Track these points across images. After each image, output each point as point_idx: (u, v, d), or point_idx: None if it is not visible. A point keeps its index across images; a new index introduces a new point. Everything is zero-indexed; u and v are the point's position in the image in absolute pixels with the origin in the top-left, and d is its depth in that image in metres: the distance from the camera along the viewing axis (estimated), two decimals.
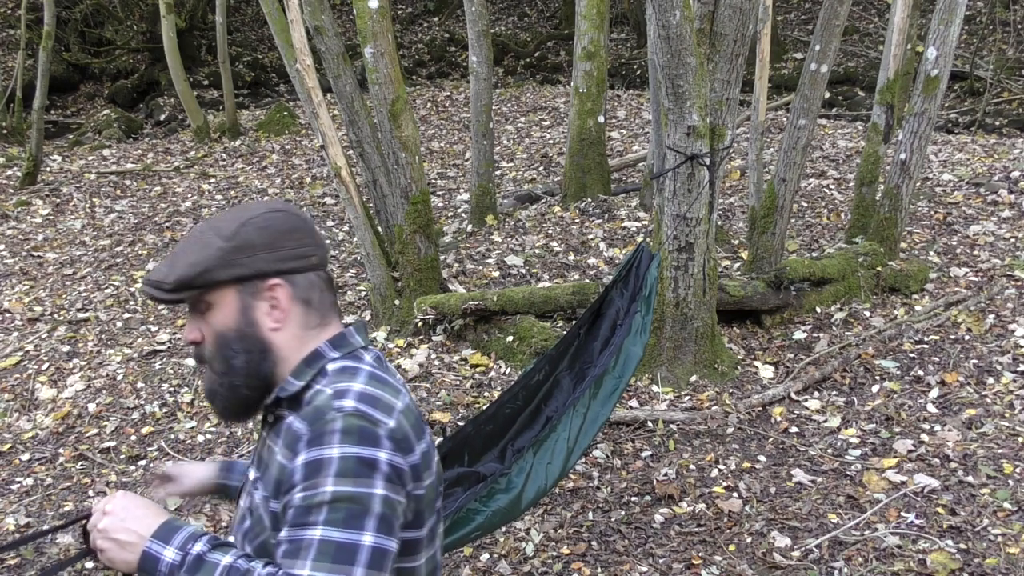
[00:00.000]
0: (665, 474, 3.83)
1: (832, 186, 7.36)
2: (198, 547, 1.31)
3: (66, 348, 5.65)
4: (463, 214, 7.35)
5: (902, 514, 3.45)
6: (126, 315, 6.07)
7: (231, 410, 1.46)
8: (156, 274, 1.42)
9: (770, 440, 4.05)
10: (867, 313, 5.13)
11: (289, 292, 1.42)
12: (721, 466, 3.87)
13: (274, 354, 1.42)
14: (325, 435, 1.30)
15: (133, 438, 4.61)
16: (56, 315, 6.19)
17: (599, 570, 3.31)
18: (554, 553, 3.41)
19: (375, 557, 1.27)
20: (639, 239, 6.21)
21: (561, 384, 3.11)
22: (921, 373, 4.47)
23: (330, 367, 1.43)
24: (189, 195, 8.73)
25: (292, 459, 1.32)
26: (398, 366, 4.90)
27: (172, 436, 4.57)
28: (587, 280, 5.61)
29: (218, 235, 1.40)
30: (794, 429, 4.13)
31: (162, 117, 12.67)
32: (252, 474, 1.49)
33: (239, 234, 1.40)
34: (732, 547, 3.36)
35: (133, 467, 4.35)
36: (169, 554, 1.31)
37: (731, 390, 4.47)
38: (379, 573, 1.27)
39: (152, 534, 1.33)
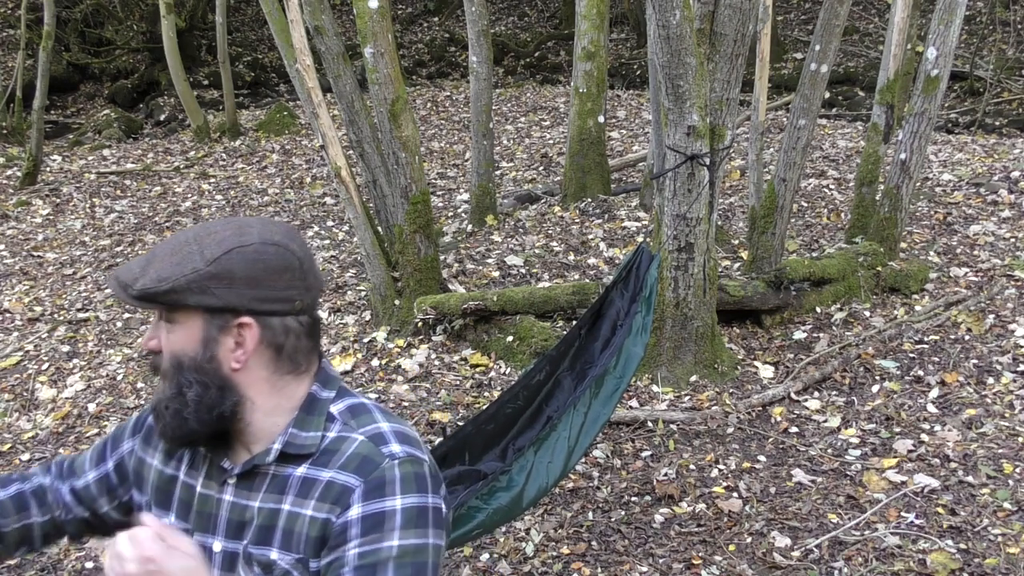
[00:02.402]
0: (665, 474, 3.83)
1: (832, 186, 7.36)
2: None
3: (66, 348, 5.65)
4: (463, 214, 7.35)
5: (902, 514, 3.45)
6: (126, 315, 6.07)
7: (170, 436, 1.32)
8: (127, 272, 1.27)
9: (770, 440, 4.05)
10: (867, 313, 5.13)
11: (258, 334, 1.27)
12: (721, 466, 3.87)
13: (235, 394, 1.29)
14: (385, 485, 1.25)
15: None
16: (56, 315, 6.19)
17: (599, 570, 3.31)
18: (554, 553, 3.41)
19: None
20: (639, 239, 6.21)
21: (562, 384, 3.11)
22: (921, 373, 4.47)
23: (334, 409, 1.34)
24: (189, 195, 8.73)
25: (341, 513, 1.25)
26: (398, 366, 4.91)
27: None
28: (587, 280, 5.61)
29: (200, 254, 1.25)
30: (794, 429, 4.13)
31: (162, 117, 12.67)
32: (220, 544, 1.35)
33: (222, 260, 1.24)
34: (732, 547, 3.36)
35: None
36: None
37: (731, 390, 4.47)
38: None
39: None
